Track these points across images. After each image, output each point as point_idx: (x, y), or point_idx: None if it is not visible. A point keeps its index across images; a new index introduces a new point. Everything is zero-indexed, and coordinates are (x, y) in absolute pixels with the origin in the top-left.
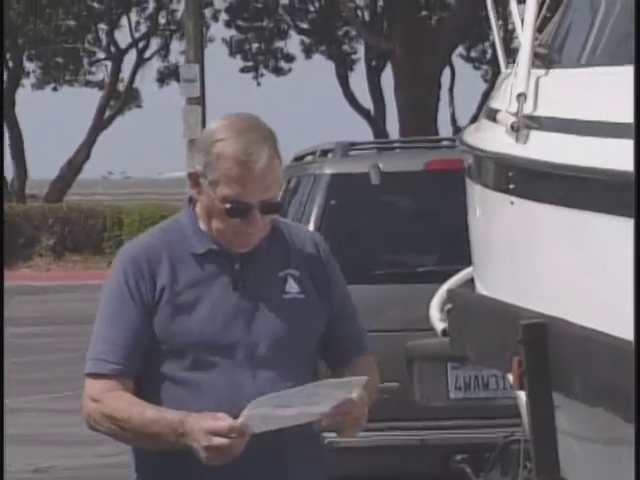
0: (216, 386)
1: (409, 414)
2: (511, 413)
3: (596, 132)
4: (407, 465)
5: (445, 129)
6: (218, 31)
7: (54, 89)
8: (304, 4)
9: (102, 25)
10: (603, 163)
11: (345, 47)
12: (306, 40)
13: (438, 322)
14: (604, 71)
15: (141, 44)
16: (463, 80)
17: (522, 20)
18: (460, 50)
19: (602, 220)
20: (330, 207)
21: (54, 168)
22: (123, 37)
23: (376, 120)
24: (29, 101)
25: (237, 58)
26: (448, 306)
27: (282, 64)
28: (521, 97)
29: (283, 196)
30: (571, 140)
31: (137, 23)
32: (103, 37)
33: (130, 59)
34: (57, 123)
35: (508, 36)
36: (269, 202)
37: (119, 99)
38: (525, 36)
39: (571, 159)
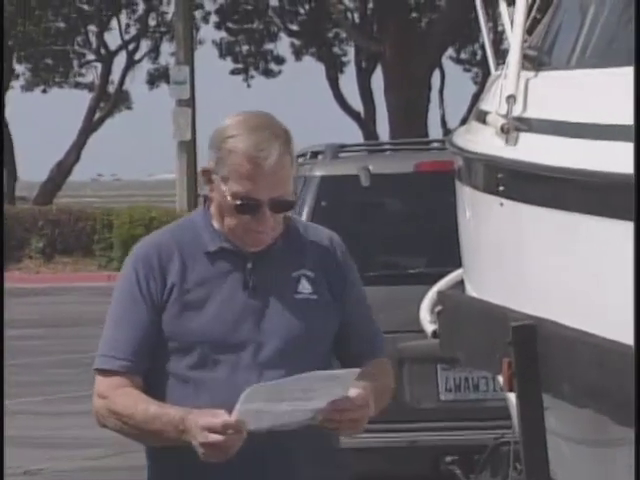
0: (221, 385)
1: (399, 415)
2: (501, 415)
3: (586, 134)
4: (397, 467)
5: (435, 131)
6: (208, 33)
7: (44, 91)
8: (294, 6)
9: (92, 27)
10: (593, 165)
11: (335, 49)
12: (296, 42)
13: (428, 324)
14: (594, 73)
15: (131, 46)
16: (453, 82)
17: (512, 22)
18: (450, 52)
19: (591, 222)
20: (320, 209)
21: (44, 170)
22: (113, 39)
23: (366, 122)
24: (19, 103)
25: (227, 60)
26: (438, 308)
27: (272, 66)
28: (511, 99)
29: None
30: (561, 142)
31: (127, 25)
32: (93, 39)
33: (120, 61)
34: (47, 125)
35: (498, 38)
36: (279, 200)
37: (109, 101)
38: (514, 38)
39: (560, 161)
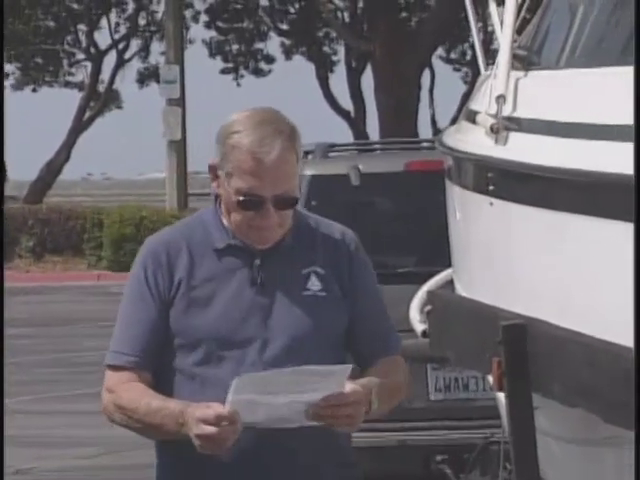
0: (226, 381)
1: (389, 415)
2: (491, 414)
3: (576, 134)
4: (387, 466)
5: (425, 130)
6: (198, 32)
7: (33, 90)
8: (284, 5)
9: (82, 26)
10: (583, 165)
11: (325, 48)
12: (286, 41)
13: (418, 323)
14: (583, 72)
15: (121, 45)
16: (443, 82)
17: (501, 22)
18: (440, 52)
19: (581, 221)
20: (310, 208)
21: (34, 169)
22: (103, 38)
23: (356, 121)
24: (8, 102)
25: (217, 59)
26: (428, 307)
27: (262, 65)
28: (500, 99)
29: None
30: (550, 142)
31: (117, 24)
32: (83, 38)
33: (110, 60)
34: (37, 124)
35: (488, 38)
36: (283, 196)
37: (99, 100)
38: (504, 38)
39: (550, 161)
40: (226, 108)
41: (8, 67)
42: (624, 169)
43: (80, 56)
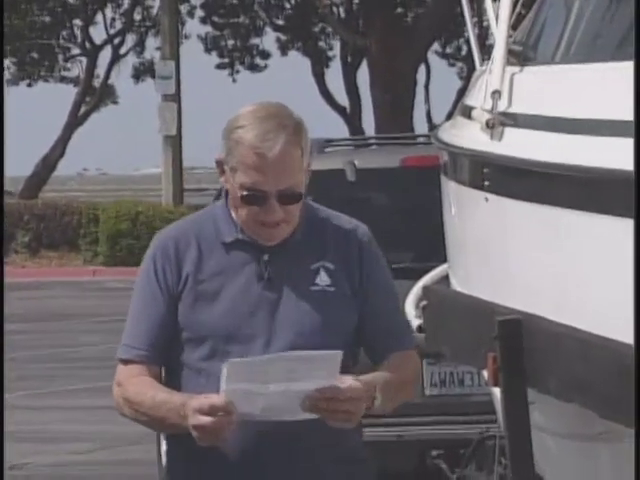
0: None
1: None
2: (486, 409)
3: (571, 129)
4: (383, 461)
5: (421, 126)
6: (194, 27)
7: (29, 85)
8: (280, 1)
9: (77, 21)
10: (578, 160)
11: (321, 44)
12: (282, 37)
13: (414, 318)
14: (579, 68)
15: (116, 40)
16: (439, 77)
17: (497, 17)
18: (435, 47)
19: (577, 217)
20: None
21: (29, 165)
22: (98, 33)
23: (352, 117)
24: (3, 97)
25: (213, 55)
26: (423, 303)
27: (258, 61)
28: (496, 94)
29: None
30: (546, 137)
31: (112, 19)
32: (78, 33)
33: (105, 55)
34: (32, 119)
35: (483, 33)
36: (287, 191)
37: (94, 95)
38: (499, 33)
39: (546, 156)
40: (222, 104)
41: (4, 62)
42: (621, 164)
43: (75, 51)
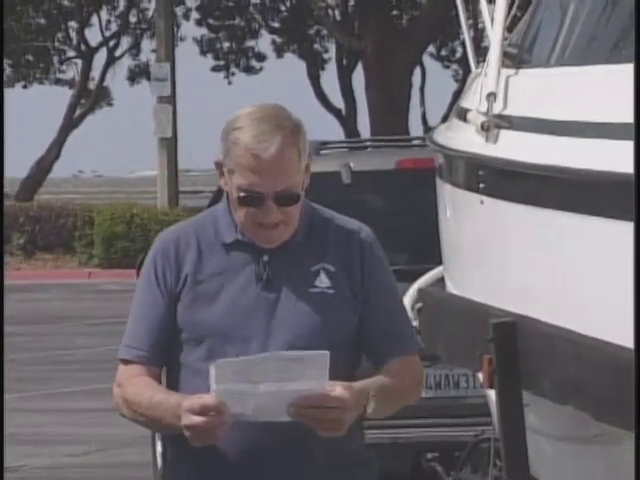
0: None
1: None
2: (481, 412)
3: (566, 132)
4: (378, 463)
5: (416, 128)
6: (189, 30)
7: (24, 87)
8: (275, 3)
9: (72, 23)
10: (573, 163)
11: (316, 46)
12: (277, 39)
13: None
14: (574, 71)
15: (112, 42)
16: (434, 79)
17: (492, 19)
18: (431, 49)
19: (572, 219)
20: None
21: (25, 167)
22: (94, 35)
23: (347, 119)
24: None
25: (208, 57)
26: (418, 305)
27: (253, 63)
28: (491, 97)
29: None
30: (541, 140)
31: (108, 21)
32: (73, 35)
33: (101, 57)
34: (27, 121)
35: (478, 35)
36: (284, 193)
37: (90, 97)
38: (495, 36)
39: (541, 158)
40: (217, 106)
41: None
42: (616, 167)
43: (71, 53)
